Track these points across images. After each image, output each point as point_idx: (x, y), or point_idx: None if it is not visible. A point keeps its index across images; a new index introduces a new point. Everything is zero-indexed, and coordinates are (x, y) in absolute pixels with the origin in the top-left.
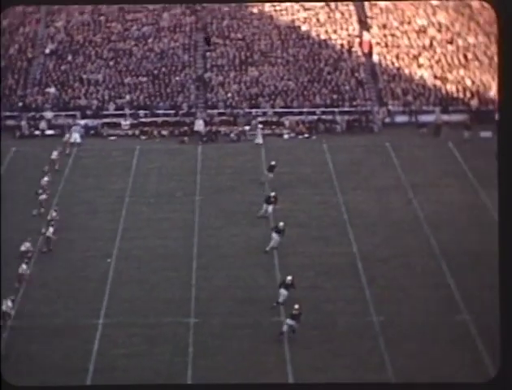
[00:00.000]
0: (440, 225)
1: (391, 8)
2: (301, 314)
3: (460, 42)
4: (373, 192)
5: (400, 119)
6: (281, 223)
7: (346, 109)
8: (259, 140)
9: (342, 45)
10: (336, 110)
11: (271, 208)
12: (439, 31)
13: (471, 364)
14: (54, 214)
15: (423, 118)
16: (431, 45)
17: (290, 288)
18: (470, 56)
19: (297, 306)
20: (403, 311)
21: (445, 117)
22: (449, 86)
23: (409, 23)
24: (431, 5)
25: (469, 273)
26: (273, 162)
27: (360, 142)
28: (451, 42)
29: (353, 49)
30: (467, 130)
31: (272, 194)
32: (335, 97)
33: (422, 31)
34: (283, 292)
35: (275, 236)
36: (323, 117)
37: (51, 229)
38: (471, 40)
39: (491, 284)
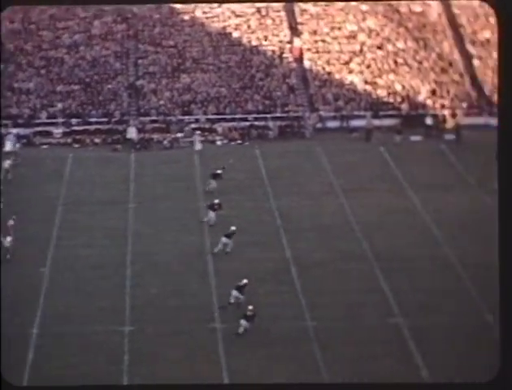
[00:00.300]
0: (372, 229)
1: (321, 14)
2: (255, 316)
3: (389, 47)
4: (305, 197)
5: (331, 124)
6: (233, 228)
7: (278, 115)
8: (198, 146)
9: (273, 52)
10: (268, 116)
11: (214, 215)
12: (369, 36)
13: (405, 367)
14: (12, 223)
15: (354, 123)
16: (361, 50)
17: (242, 291)
18: (399, 61)
19: (251, 307)
20: (337, 315)
21: (376, 122)
22: (379, 91)
23: (339, 28)
24: (360, 10)
25: (401, 276)
26: (218, 171)
27: (292, 148)
28: (381, 47)
29: (285, 56)
30: (398, 134)
31: (216, 201)
32: (267, 103)
33: (352, 36)
34: (235, 293)
35: (225, 240)
36: (256, 123)
37: (8, 239)
38: (400, 45)
39: (423, 287)
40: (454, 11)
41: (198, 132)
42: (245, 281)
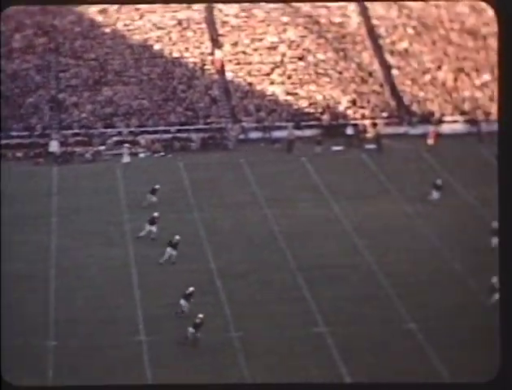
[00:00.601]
0: (296, 239)
1: (242, 26)
2: (202, 324)
3: (310, 58)
4: (229, 208)
5: (254, 135)
6: (177, 237)
7: (201, 126)
8: (126, 159)
9: (195, 64)
10: (190, 127)
11: (154, 228)
12: (289, 47)
13: (330, 376)
14: None
15: (277, 133)
16: (282, 61)
17: (189, 299)
18: (320, 72)
19: (201, 316)
20: (261, 326)
21: (298, 132)
22: (300, 102)
23: (260, 40)
24: (281, 22)
25: (325, 285)
26: (157, 186)
27: (215, 159)
28: (301, 58)
29: (206, 67)
30: (319, 144)
31: (156, 215)
32: (189, 114)
33: (273, 48)
34: (182, 302)
35: (169, 250)
36: (178, 135)
37: None
38: (321, 56)
39: (348, 296)
40: (373, 22)
41: (126, 144)
42: (191, 289)
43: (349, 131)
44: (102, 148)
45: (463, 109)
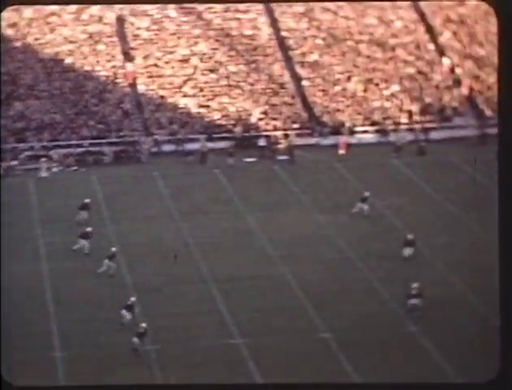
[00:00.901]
0: (210, 251)
1: (154, 39)
2: (146, 333)
3: (222, 71)
4: (143, 221)
5: (167, 148)
6: (113, 249)
7: (113, 140)
8: (44, 173)
9: (107, 77)
10: (103, 141)
11: (87, 242)
12: (201, 60)
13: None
14: None
15: (189, 146)
16: (194, 74)
17: (132, 310)
18: (231, 84)
19: (144, 325)
20: (178, 338)
21: (210, 144)
22: (212, 114)
23: (171, 53)
24: (192, 35)
25: (241, 297)
26: (87, 200)
27: (128, 172)
28: (213, 71)
29: (118, 81)
30: (232, 156)
31: (89, 229)
32: (101, 128)
33: (184, 60)
34: (124, 313)
35: (107, 262)
36: (91, 149)
37: None
38: (232, 68)
39: (263, 307)
40: (283, 34)
41: (43, 158)
42: (132, 299)
43: (262, 142)
44: (15, 163)
45: (373, 119)
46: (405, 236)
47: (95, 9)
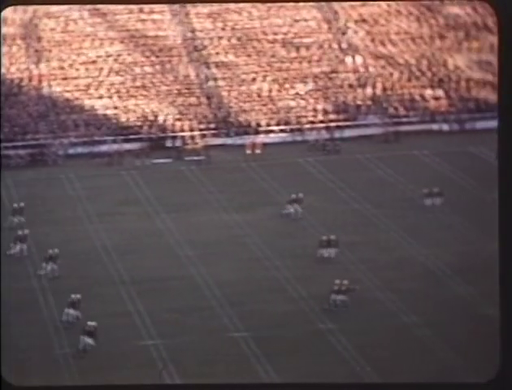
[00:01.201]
0: (124, 253)
1: (62, 41)
2: (95, 331)
3: (132, 72)
4: (54, 224)
5: (77, 150)
6: (50, 251)
7: (23, 143)
8: None
9: (15, 80)
10: (12, 144)
11: (25, 246)
12: (110, 62)
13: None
14: None
15: (100, 148)
16: (103, 75)
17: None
18: (142, 85)
19: (92, 323)
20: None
21: (121, 146)
22: (123, 115)
23: (80, 55)
24: (101, 37)
25: (155, 298)
26: (16, 205)
27: (38, 175)
28: (122, 72)
29: (26, 83)
30: (142, 157)
31: (26, 231)
32: (11, 131)
33: (93, 62)
34: (68, 310)
35: (45, 264)
36: (6, 152)
37: None
38: (142, 69)
39: (178, 308)
40: (192, 35)
41: None
42: (77, 296)
43: (172, 143)
44: None
45: (284, 118)
46: (320, 236)
47: (8, 11)
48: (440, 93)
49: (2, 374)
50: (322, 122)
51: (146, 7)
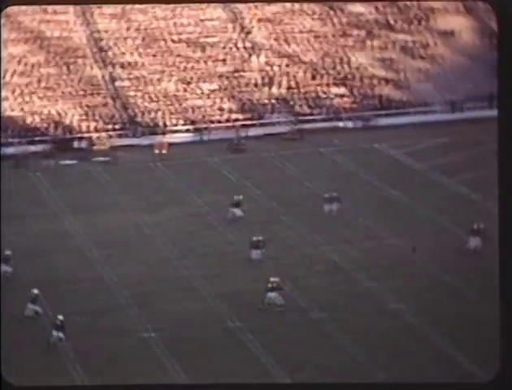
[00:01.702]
0: (30, 255)
1: None
2: (64, 325)
3: (36, 73)
4: None
5: None
6: (6, 252)
7: None
8: None
9: None
10: None
11: None
12: (14, 63)
13: None
14: None
15: (5, 150)
16: (7, 77)
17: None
18: (47, 86)
19: (60, 317)
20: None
21: (27, 148)
22: (29, 117)
23: None
24: (9, 38)
25: (63, 301)
26: None
27: None
28: (28, 74)
29: None
30: (49, 159)
31: None
32: None
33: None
34: (31, 306)
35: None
36: None
37: None
38: (48, 70)
39: (86, 310)
40: (97, 35)
41: None
42: (35, 291)
43: (80, 144)
44: None
45: (189, 118)
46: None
47: None
48: (344, 90)
49: (2, 374)
50: (228, 121)
51: (50, 8)
